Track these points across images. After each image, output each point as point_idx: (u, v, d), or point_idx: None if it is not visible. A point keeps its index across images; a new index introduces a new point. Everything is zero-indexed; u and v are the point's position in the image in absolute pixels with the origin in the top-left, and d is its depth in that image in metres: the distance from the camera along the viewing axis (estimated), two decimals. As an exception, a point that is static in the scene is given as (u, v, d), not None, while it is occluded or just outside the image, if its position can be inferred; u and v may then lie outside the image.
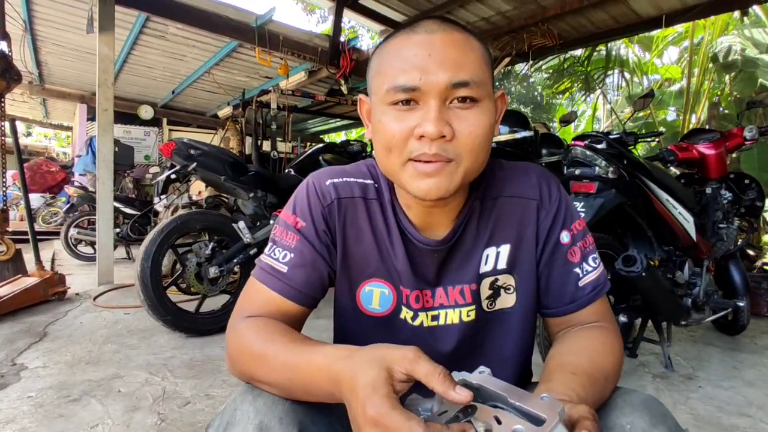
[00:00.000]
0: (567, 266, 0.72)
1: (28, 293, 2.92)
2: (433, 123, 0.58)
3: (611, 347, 0.67)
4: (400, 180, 0.64)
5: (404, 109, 0.60)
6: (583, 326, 0.72)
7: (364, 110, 0.71)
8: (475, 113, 0.60)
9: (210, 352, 2.26)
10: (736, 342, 2.69)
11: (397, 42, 0.62)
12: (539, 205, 0.73)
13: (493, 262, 0.73)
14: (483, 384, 0.46)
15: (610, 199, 1.89)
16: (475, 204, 0.72)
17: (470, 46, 0.61)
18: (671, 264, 2.18)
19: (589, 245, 0.74)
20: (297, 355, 0.57)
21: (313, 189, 0.73)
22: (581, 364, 0.61)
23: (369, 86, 0.67)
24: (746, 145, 2.42)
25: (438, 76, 0.58)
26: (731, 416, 1.73)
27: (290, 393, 0.57)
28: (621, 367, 0.67)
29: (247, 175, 2.71)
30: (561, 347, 0.69)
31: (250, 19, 4.44)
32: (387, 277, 0.72)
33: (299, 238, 0.70)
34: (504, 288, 0.74)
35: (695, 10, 4.04)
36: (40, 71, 6.75)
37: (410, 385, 0.48)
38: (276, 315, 0.67)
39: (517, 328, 0.75)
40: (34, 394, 1.76)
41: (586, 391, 0.56)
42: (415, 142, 0.60)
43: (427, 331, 0.73)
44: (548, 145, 3.08)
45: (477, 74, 0.60)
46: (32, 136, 18.79)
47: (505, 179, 0.74)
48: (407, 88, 0.59)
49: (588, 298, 0.72)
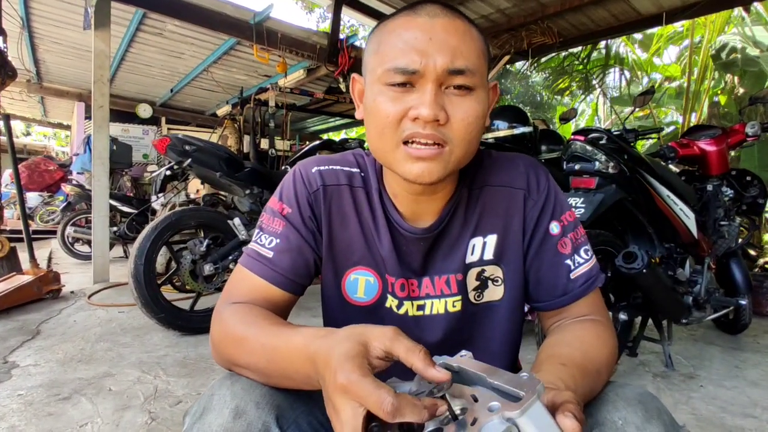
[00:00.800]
0: (558, 258, 0.71)
1: (21, 291, 2.90)
2: (429, 106, 0.57)
3: (604, 340, 0.65)
4: (391, 162, 0.63)
5: (400, 90, 0.60)
6: (575, 319, 0.71)
7: (356, 90, 0.70)
8: (469, 101, 0.60)
9: (204, 351, 2.23)
10: (738, 341, 2.66)
11: (399, 23, 0.62)
12: (526, 195, 0.72)
13: (480, 252, 0.72)
14: (463, 366, 0.44)
15: (610, 194, 1.86)
16: (463, 192, 0.72)
17: (470, 34, 0.61)
18: (672, 261, 2.15)
19: (581, 237, 0.73)
20: (276, 336, 0.56)
21: (299, 176, 0.73)
22: (572, 355, 0.60)
23: (365, 64, 0.66)
24: (748, 141, 2.39)
25: (436, 61, 0.58)
26: (735, 417, 1.70)
27: (268, 377, 0.56)
28: (614, 362, 0.65)
29: (243, 172, 2.68)
30: (552, 339, 0.68)
31: (248, 16, 4.41)
32: (372, 264, 0.72)
33: (285, 224, 0.70)
34: (491, 279, 0.73)
35: (696, 7, 4.01)
36: (37, 69, 6.72)
37: (388, 364, 0.47)
38: (261, 301, 0.67)
39: (505, 321, 0.74)
40: (24, 392, 1.73)
41: (575, 382, 0.54)
42: (409, 122, 0.60)
43: (413, 321, 0.72)
44: (547, 141, 3.05)
45: (474, 63, 0.60)
46: (32, 136, 18.78)
47: (492, 168, 0.74)
48: (406, 71, 0.59)
49: (580, 290, 0.70)
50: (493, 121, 2.77)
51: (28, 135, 19.20)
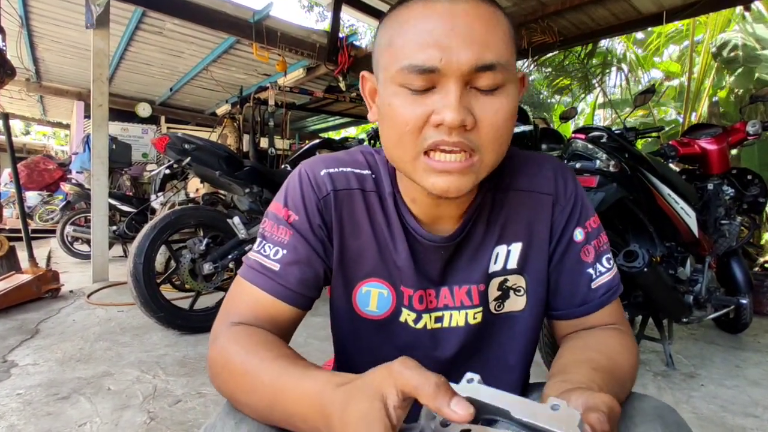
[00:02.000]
0: (579, 266, 0.67)
1: (20, 290, 2.89)
2: (454, 110, 0.50)
3: (629, 348, 0.61)
4: (411, 172, 0.56)
5: (419, 91, 0.52)
6: (595, 328, 0.66)
7: (367, 89, 0.63)
8: (500, 99, 0.52)
9: (203, 350, 2.23)
10: (739, 340, 2.66)
11: (414, 11, 0.52)
12: (554, 201, 0.66)
13: (503, 261, 0.66)
14: (475, 396, 0.37)
15: (611, 193, 1.85)
16: (487, 196, 0.65)
17: (497, 20, 0.53)
18: (673, 260, 2.14)
19: (603, 244, 0.68)
20: (283, 376, 0.49)
21: (306, 179, 0.65)
22: (600, 360, 0.55)
23: (376, 61, 0.58)
24: (749, 140, 2.38)
25: (460, 57, 0.50)
26: (736, 416, 1.70)
27: (269, 420, 0.50)
28: (637, 371, 0.61)
29: (243, 170, 2.67)
30: (575, 343, 0.63)
31: (247, 15, 4.40)
32: (386, 276, 0.66)
33: (292, 233, 0.63)
34: (514, 289, 0.68)
35: (696, 6, 4.00)
36: (36, 68, 6.70)
37: (408, 408, 0.40)
38: (266, 318, 0.60)
39: (524, 333, 0.69)
40: (23, 391, 1.72)
41: (609, 388, 0.49)
42: (432, 129, 0.52)
43: (429, 335, 0.67)
44: (548, 139, 3.04)
45: (504, 55, 0.52)
46: (31, 134, 18.76)
47: (518, 170, 0.67)
48: (424, 69, 0.50)
49: (601, 300, 0.66)
50: None
51: (28, 134, 19.18)
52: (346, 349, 0.72)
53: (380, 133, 0.59)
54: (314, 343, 2.35)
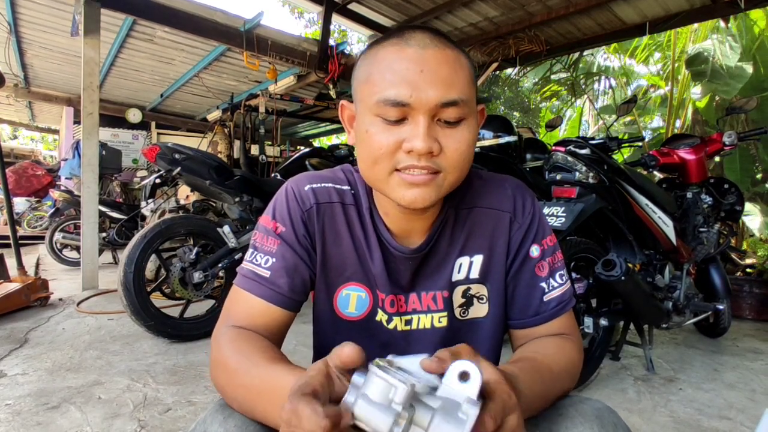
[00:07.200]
0: (534, 279, 0.74)
1: (9, 299, 2.88)
2: (423, 139, 0.58)
3: (564, 350, 0.68)
4: (384, 189, 0.64)
5: (392, 121, 0.61)
6: (544, 337, 0.73)
7: (346, 116, 0.71)
8: (461, 131, 0.62)
9: (193, 358, 2.25)
10: (718, 344, 2.73)
11: (389, 53, 0.61)
12: (512, 218, 0.74)
13: (466, 271, 0.74)
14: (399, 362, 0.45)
15: (590, 203, 1.91)
16: (450, 213, 0.73)
17: (460, 63, 0.62)
18: (652, 268, 2.21)
19: (558, 261, 0.76)
20: (269, 374, 0.55)
21: (292, 194, 0.73)
22: (528, 356, 0.64)
23: (354, 92, 0.67)
24: (725, 150, 2.46)
25: (428, 94, 0.58)
26: (711, 419, 1.76)
27: (253, 414, 0.56)
28: (575, 373, 0.68)
29: (233, 180, 2.70)
30: (521, 349, 0.71)
31: (238, 24, 4.43)
32: (364, 280, 0.74)
33: (280, 242, 0.71)
34: (477, 297, 0.75)
35: (678, 18, 4.12)
36: (25, 74, 6.66)
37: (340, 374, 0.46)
38: (261, 322, 0.67)
39: (489, 338, 0.76)
40: (12, 401, 1.73)
41: (524, 375, 0.56)
42: (403, 154, 0.60)
43: (401, 336, 0.75)
44: (532, 149, 3.11)
45: (465, 93, 0.61)
46: (18, 139, 18.55)
47: (481, 190, 0.75)
48: (397, 103, 0.59)
49: (551, 312, 0.73)
50: (479, 131, 2.82)
51: (15, 138, 18.96)
52: (327, 349, 0.77)
53: (357, 155, 0.67)
54: (303, 350, 2.38)
